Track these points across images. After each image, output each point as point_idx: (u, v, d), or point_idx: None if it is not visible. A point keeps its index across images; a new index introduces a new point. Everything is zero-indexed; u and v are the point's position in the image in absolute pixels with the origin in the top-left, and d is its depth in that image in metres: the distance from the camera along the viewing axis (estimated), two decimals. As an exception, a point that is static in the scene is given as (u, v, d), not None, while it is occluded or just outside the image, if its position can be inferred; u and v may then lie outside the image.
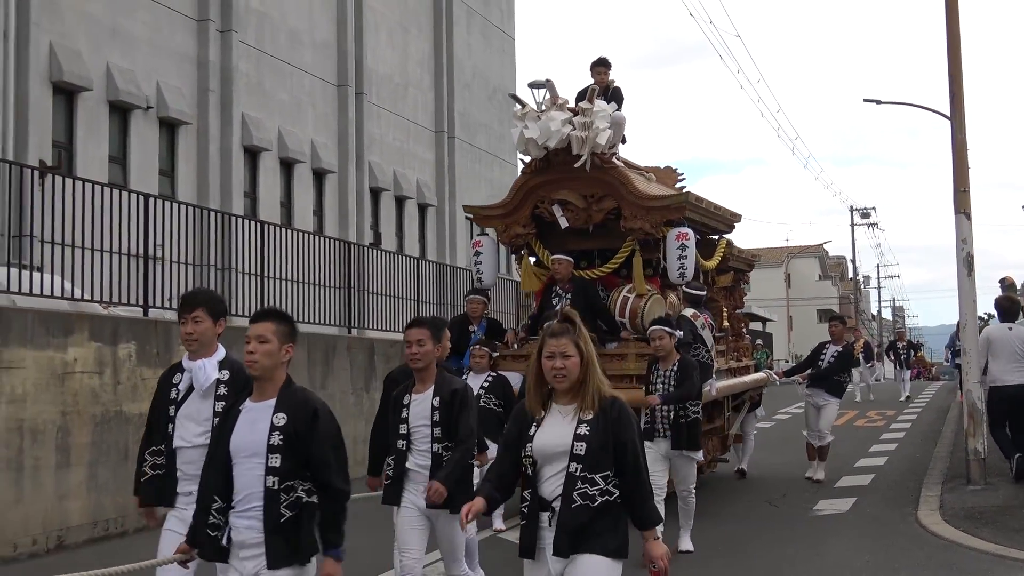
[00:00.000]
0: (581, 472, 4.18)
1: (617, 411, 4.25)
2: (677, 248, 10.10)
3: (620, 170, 10.34)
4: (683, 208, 10.30)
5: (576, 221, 10.41)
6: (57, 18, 16.10)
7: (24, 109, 15.28)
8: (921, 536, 9.29)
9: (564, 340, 4.24)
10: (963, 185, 12.11)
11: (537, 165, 10.46)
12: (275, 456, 4.29)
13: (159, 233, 11.81)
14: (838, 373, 12.67)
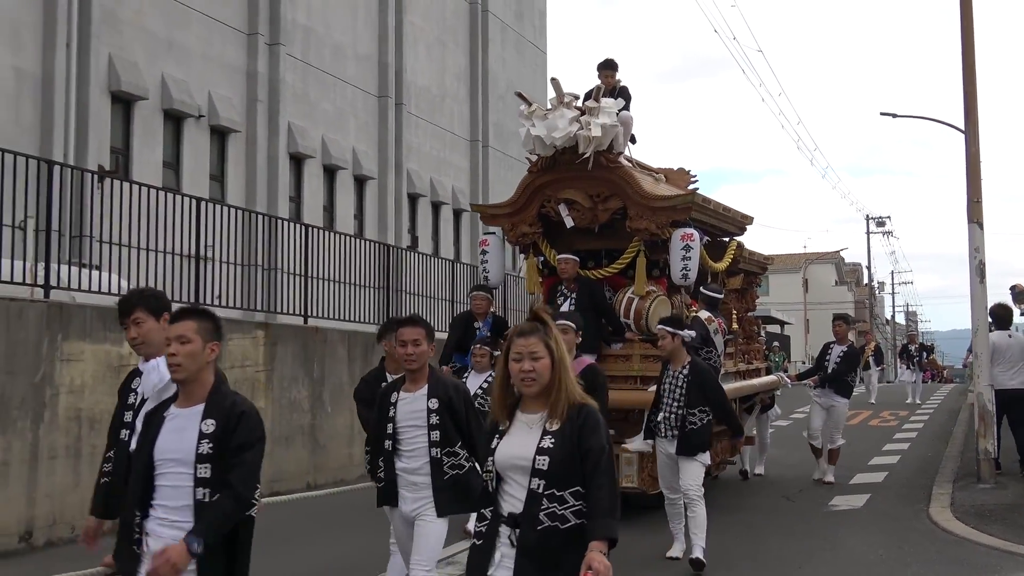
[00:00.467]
0: (546, 489, 3.59)
1: (584, 417, 3.68)
2: (681, 249, 9.55)
3: (626, 170, 9.84)
4: (689, 209, 9.76)
5: (582, 221, 9.90)
6: (116, 31, 16.24)
7: (84, 116, 15.43)
8: (932, 532, 9.21)
9: (533, 340, 3.70)
10: (976, 196, 12.02)
11: (543, 164, 9.96)
12: (204, 466, 3.85)
13: (209, 234, 11.88)
14: (847, 374, 12.18)
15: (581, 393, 3.75)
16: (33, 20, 15.06)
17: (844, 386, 12.09)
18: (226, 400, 3.99)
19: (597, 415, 3.73)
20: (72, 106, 15.28)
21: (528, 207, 10.14)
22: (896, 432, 18.62)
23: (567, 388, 3.68)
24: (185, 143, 17.63)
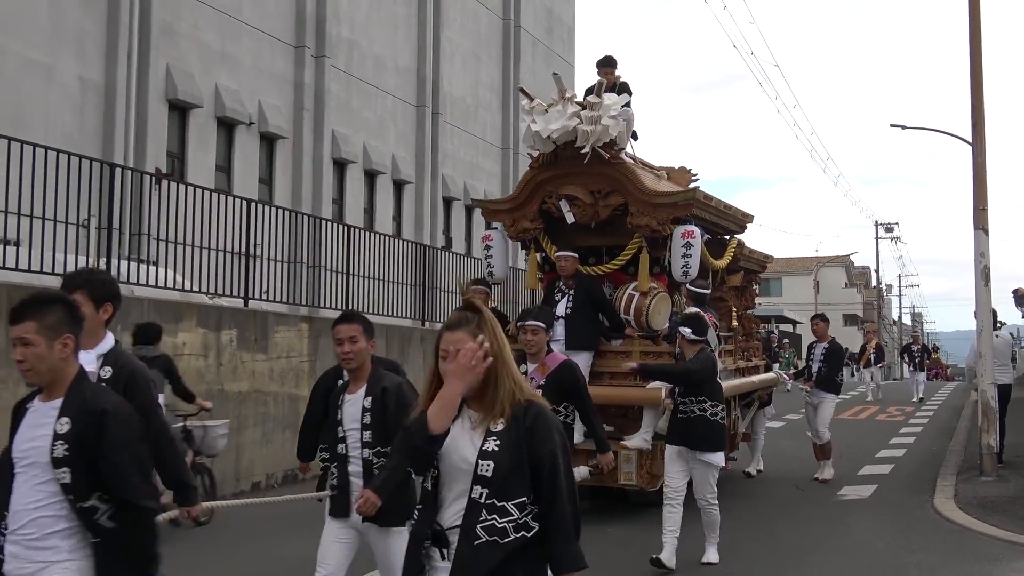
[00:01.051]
0: (487, 499, 2.94)
1: (532, 418, 2.99)
2: (682, 246, 8.97)
3: (627, 166, 9.21)
4: (690, 205, 9.14)
5: (583, 217, 9.30)
6: (173, 44, 16.36)
7: (143, 123, 15.55)
8: (936, 522, 9.11)
9: (461, 334, 3.02)
10: (982, 204, 11.88)
11: (545, 159, 9.37)
12: (63, 471, 3.18)
13: (258, 234, 11.93)
14: (837, 373, 11.70)
15: (531, 390, 3.15)
16: (97, 33, 15.19)
17: (832, 384, 11.63)
18: (85, 395, 3.29)
19: (549, 416, 3.09)
20: (132, 113, 15.41)
21: (529, 203, 9.60)
22: (902, 427, 18.47)
23: (507, 384, 3.02)
24: (236, 148, 17.73)
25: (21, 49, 14.01)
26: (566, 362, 6.13)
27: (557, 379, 5.90)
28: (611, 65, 9.73)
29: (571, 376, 6.09)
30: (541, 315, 6.25)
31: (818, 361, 11.55)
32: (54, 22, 14.55)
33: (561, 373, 5.88)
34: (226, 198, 11.76)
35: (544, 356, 6.12)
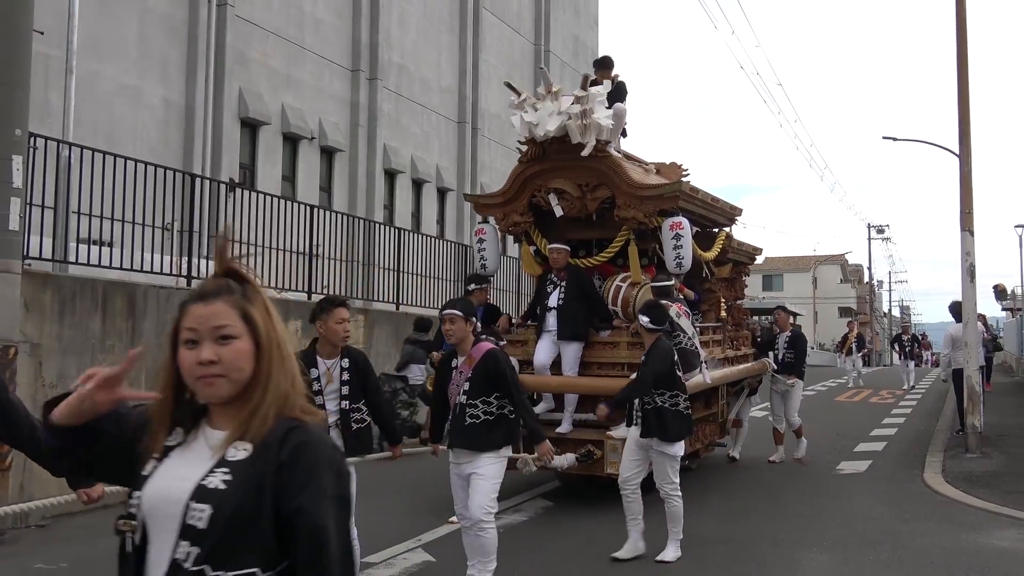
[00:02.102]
0: (196, 564, 1.58)
1: (292, 448, 1.64)
2: (672, 238, 8.17)
3: (614, 159, 8.34)
4: (676, 198, 8.27)
5: (571, 210, 8.47)
6: (245, 68, 16.47)
7: (219, 138, 15.67)
8: (926, 494, 9.00)
9: (219, 306, 1.73)
10: (968, 208, 11.70)
11: (533, 154, 8.50)
12: None
13: (319, 235, 12.00)
14: (800, 360, 10.99)
15: (304, 405, 1.74)
16: (178, 59, 15.33)
17: (795, 369, 10.91)
18: None
19: (322, 448, 1.67)
20: (209, 129, 15.54)
21: (519, 197, 8.76)
22: (893, 408, 18.27)
23: (277, 389, 1.70)
24: (300, 160, 17.83)
25: (114, 74, 14.17)
26: (491, 351, 5.31)
27: (483, 369, 5.20)
28: (607, 67, 9.01)
29: (495, 366, 5.23)
30: (459, 303, 5.44)
31: (783, 349, 10.93)
32: (142, 50, 14.70)
33: (486, 363, 5.19)
34: (291, 204, 11.83)
35: (470, 348, 5.31)
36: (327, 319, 5.06)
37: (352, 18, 19.41)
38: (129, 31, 14.49)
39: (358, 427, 5.08)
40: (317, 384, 4.96)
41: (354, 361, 5.14)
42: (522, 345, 8.44)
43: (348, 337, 5.16)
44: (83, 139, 10.24)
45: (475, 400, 5.17)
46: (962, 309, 11.79)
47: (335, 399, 5.00)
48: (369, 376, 5.20)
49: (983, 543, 6.87)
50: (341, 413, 5.01)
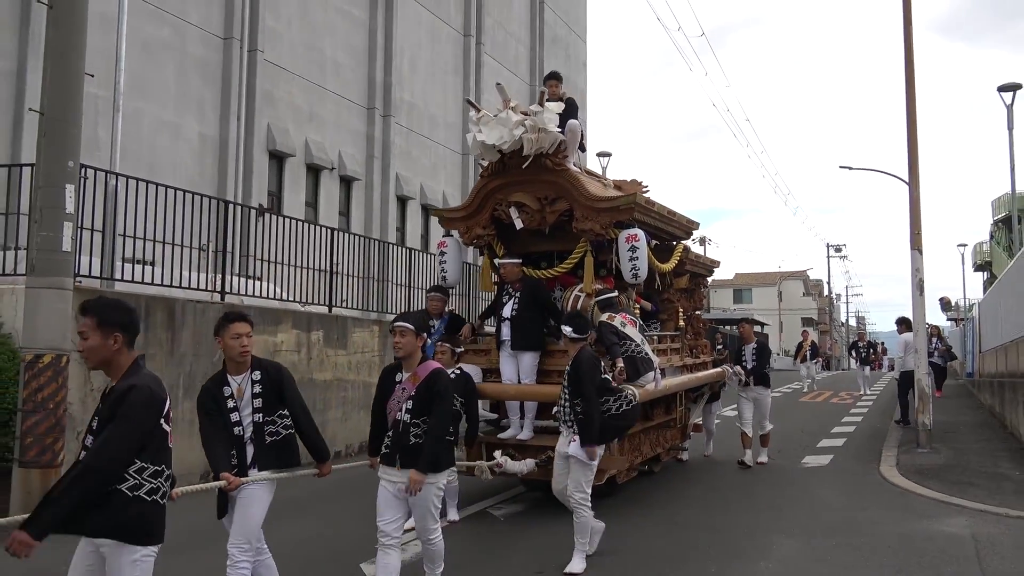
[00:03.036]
0: None
1: None
2: (628, 249, 7.60)
3: (571, 173, 7.71)
4: (631, 209, 7.62)
5: (531, 222, 7.85)
6: (272, 106, 16.50)
7: (249, 168, 15.69)
8: (883, 485, 8.95)
9: None
10: (917, 229, 11.71)
11: (494, 169, 7.91)
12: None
13: (338, 255, 11.98)
14: (765, 367, 10.32)
15: None
16: (213, 99, 15.36)
17: (764, 377, 10.31)
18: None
19: None
20: (240, 161, 15.55)
21: (481, 210, 8.12)
22: (852, 408, 18.23)
23: None
24: (321, 188, 17.84)
25: (156, 112, 14.18)
26: (436, 371, 4.65)
27: (426, 389, 4.56)
28: (558, 79, 8.28)
29: (435, 386, 4.57)
30: (412, 317, 4.76)
31: (751, 360, 10.27)
32: (181, 90, 14.72)
33: (430, 383, 4.56)
34: (313, 227, 11.81)
35: (416, 364, 4.65)
36: (224, 335, 4.44)
37: (368, 62, 19.47)
38: (169, 74, 14.51)
39: (273, 440, 4.37)
40: (231, 401, 4.36)
41: (266, 373, 4.44)
42: (485, 354, 7.83)
43: (246, 352, 4.44)
44: (128, 170, 10.23)
45: (418, 420, 4.53)
46: (912, 319, 11.81)
47: (248, 414, 4.36)
48: (285, 388, 4.46)
49: (934, 529, 6.83)
50: (254, 427, 4.34)
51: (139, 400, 3.14)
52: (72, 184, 7.15)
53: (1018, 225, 26.04)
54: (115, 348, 3.28)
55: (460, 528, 6.81)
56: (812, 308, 69.83)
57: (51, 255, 7.05)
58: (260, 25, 16.14)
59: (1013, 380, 12.60)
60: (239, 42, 15.74)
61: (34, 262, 7.05)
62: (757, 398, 10.27)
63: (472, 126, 7.73)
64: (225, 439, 4.30)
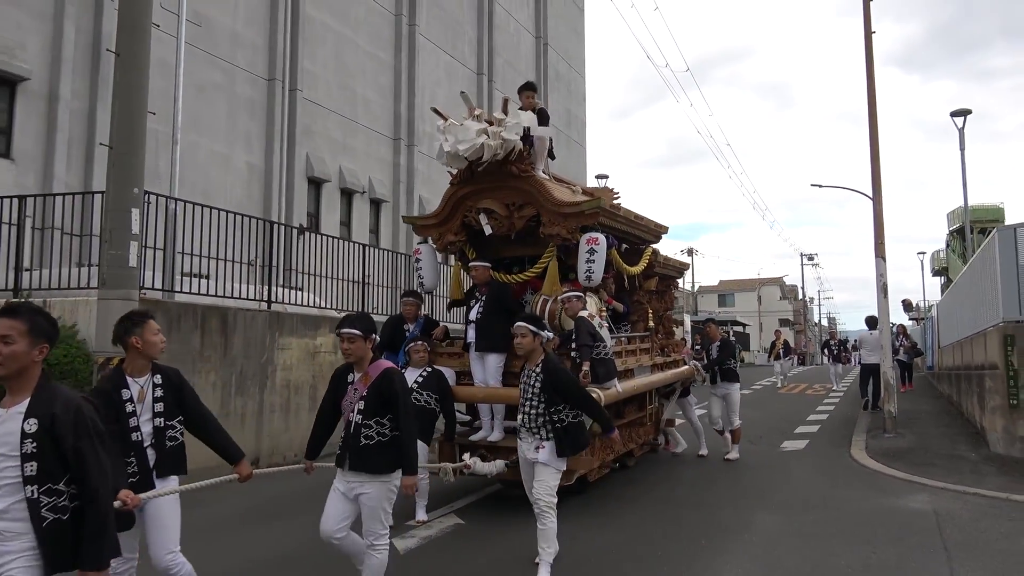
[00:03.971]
0: None
1: None
2: (586, 252, 6.81)
3: (538, 179, 7.01)
4: (596, 214, 6.88)
5: (500, 228, 7.15)
6: (310, 139, 16.60)
7: (291, 193, 15.77)
8: (853, 466, 8.87)
9: None
10: (880, 239, 11.63)
11: (463, 176, 7.23)
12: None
13: (369, 268, 12.02)
14: (726, 361, 9.37)
15: None
16: (259, 132, 15.47)
17: (731, 374, 9.39)
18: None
19: None
20: (283, 186, 15.64)
21: (453, 217, 7.45)
22: (825, 399, 18.08)
23: None
24: (354, 209, 17.91)
25: (209, 144, 14.29)
26: (388, 371, 4.05)
27: (377, 389, 3.99)
28: (532, 89, 7.53)
29: (389, 386, 3.99)
30: (359, 321, 4.09)
31: (715, 355, 9.50)
32: (230, 126, 14.83)
33: (381, 383, 3.98)
34: (347, 244, 11.87)
35: (368, 365, 4.07)
36: (144, 332, 3.64)
37: (394, 99, 19.56)
38: (220, 111, 14.63)
39: (172, 445, 3.68)
40: (130, 405, 3.57)
41: (166, 377, 3.72)
42: (459, 357, 7.01)
43: (163, 349, 3.77)
44: (185, 195, 10.31)
45: (369, 420, 3.96)
46: (877, 319, 11.75)
47: (148, 418, 3.62)
48: (186, 393, 3.77)
49: (900, 505, 6.77)
50: (155, 431, 3.63)
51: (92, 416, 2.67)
52: (137, 208, 7.21)
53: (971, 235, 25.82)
54: (38, 359, 2.66)
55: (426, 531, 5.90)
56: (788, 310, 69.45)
57: (119, 271, 7.10)
58: (299, 67, 16.26)
59: (968, 372, 12.50)
60: (281, 83, 15.86)
61: (104, 277, 7.11)
62: (727, 394, 9.37)
63: (439, 135, 7.02)
64: (119, 448, 3.46)
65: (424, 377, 6.21)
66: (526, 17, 27.29)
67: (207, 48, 14.27)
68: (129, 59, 7.25)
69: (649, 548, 5.43)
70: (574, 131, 30.69)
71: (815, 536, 5.74)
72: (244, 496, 7.03)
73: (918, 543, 5.53)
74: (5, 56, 11.29)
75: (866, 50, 12.05)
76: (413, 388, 5.85)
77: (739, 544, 5.54)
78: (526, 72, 26.73)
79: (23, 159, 11.59)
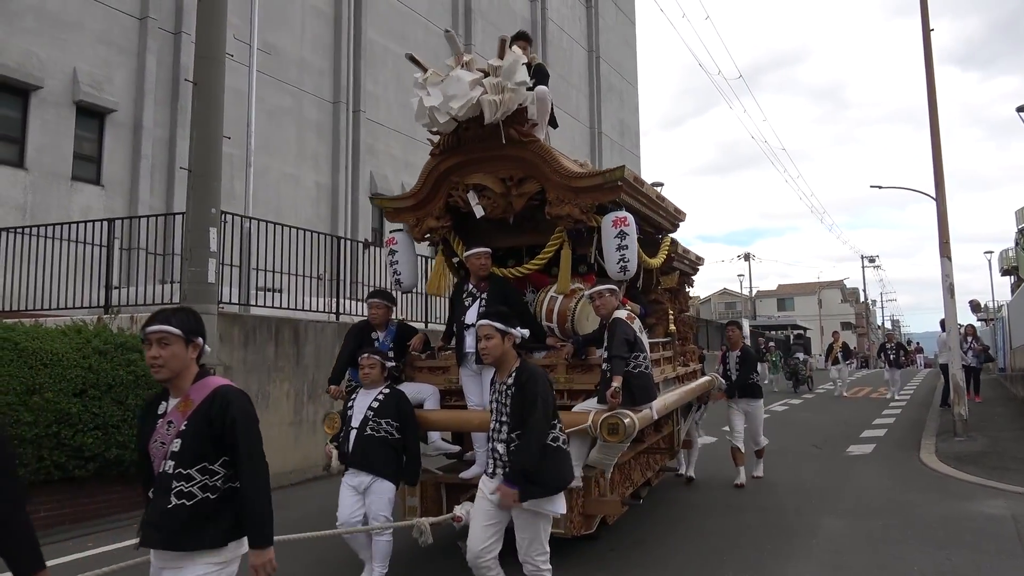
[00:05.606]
0: None
1: None
2: (616, 236, 5.06)
3: (542, 146, 5.24)
4: (618, 189, 5.13)
5: (495, 210, 5.38)
6: (374, 157, 16.92)
7: (356, 209, 16.09)
8: (923, 470, 8.50)
9: None
10: (945, 239, 11.15)
11: (447, 144, 5.42)
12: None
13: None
14: (749, 377, 7.91)
15: None
16: (326, 153, 15.85)
17: (754, 389, 7.95)
18: None
19: None
20: (349, 203, 15.97)
21: (434, 197, 5.64)
22: (891, 402, 17.39)
23: None
24: (416, 223, 18.13)
25: (280, 166, 14.72)
26: (220, 390, 2.52)
27: (204, 419, 2.48)
28: (526, 39, 5.99)
29: (221, 413, 2.48)
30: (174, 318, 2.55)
31: (734, 370, 8.01)
32: (299, 148, 15.25)
33: (210, 410, 2.48)
34: (411, 256, 11.98)
35: (189, 385, 2.55)
36: None
37: (452, 115, 19.75)
38: (290, 134, 15.06)
39: None
40: None
41: None
42: (443, 372, 5.44)
43: None
44: (259, 214, 10.63)
45: (189, 470, 2.45)
46: (945, 320, 11.24)
47: None
48: None
49: (974, 510, 6.43)
50: None
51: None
52: (215, 227, 7.46)
53: (1042, 232, 24.45)
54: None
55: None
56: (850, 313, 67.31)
57: (199, 286, 7.36)
58: (362, 90, 16.62)
59: (1044, 373, 11.82)
60: (346, 105, 16.23)
61: (186, 292, 7.38)
62: (748, 410, 7.94)
63: (417, 90, 5.19)
64: None
65: (381, 400, 4.53)
66: (578, 32, 27.27)
67: (276, 75, 14.72)
68: (205, 88, 7.54)
69: (712, 552, 5.30)
70: (627, 141, 30.46)
71: (885, 541, 5.50)
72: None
73: (996, 549, 5.24)
74: (95, 90, 11.88)
75: (924, 48, 11.60)
76: (368, 416, 4.44)
77: (805, 548, 5.36)
78: (579, 85, 26.70)
79: (111, 185, 12.15)
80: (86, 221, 8.91)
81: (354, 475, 4.45)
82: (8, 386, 6.00)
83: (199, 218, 7.38)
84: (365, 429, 4.45)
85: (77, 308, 8.64)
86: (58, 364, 6.37)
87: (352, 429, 4.52)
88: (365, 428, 4.45)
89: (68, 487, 6.47)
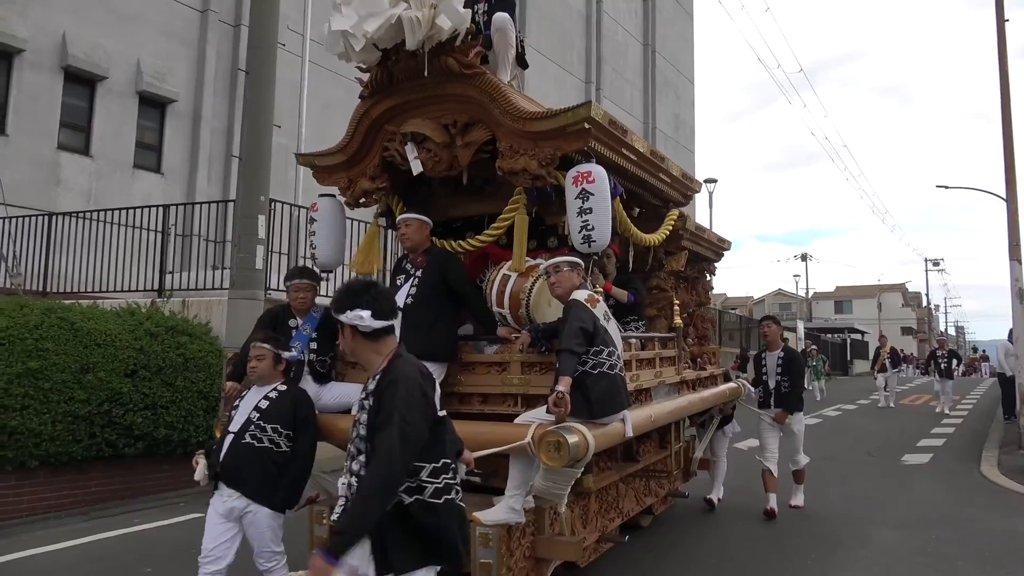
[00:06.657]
0: None
1: None
2: (577, 197, 3.74)
3: (489, 80, 3.97)
4: (585, 134, 3.77)
5: (438, 165, 4.17)
6: (425, 149, 16.99)
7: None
8: (983, 484, 8.08)
9: None
10: (1016, 240, 10.61)
11: (377, 82, 4.20)
12: None
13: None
14: (799, 387, 6.50)
15: None
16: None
17: (796, 399, 6.47)
18: None
19: None
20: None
21: (368, 152, 4.52)
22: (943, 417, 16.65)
23: None
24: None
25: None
26: None
27: None
28: None
29: None
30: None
31: (774, 376, 6.50)
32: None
33: None
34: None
35: None
36: None
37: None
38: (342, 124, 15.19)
39: None
40: None
41: None
42: None
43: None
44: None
45: None
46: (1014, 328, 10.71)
47: None
48: None
49: (1038, 527, 6.07)
50: None
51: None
52: (263, 215, 7.57)
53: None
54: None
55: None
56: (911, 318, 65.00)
57: (247, 272, 7.48)
58: (414, 82, 16.69)
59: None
60: (398, 97, 16.32)
61: (234, 278, 7.51)
62: (789, 424, 6.49)
63: (333, 13, 3.99)
64: None
65: (272, 400, 3.49)
66: (634, 26, 26.90)
67: (331, 66, 14.90)
68: (257, 77, 7.64)
69: (753, 557, 5.12)
70: (682, 136, 29.94)
71: (940, 556, 5.22)
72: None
73: (1060, 570, 4.91)
74: (157, 80, 12.22)
75: (998, 40, 11.03)
76: (251, 418, 3.42)
77: (853, 559, 5.12)
78: (633, 80, 26.34)
79: (171, 173, 12.48)
80: (143, 207, 9.15)
81: (223, 495, 3.34)
82: (64, 364, 6.20)
83: (248, 205, 7.49)
84: (244, 436, 3.35)
85: (133, 291, 8.89)
86: (111, 344, 6.54)
87: (229, 434, 3.40)
88: (244, 434, 3.35)
89: (118, 464, 6.65)
